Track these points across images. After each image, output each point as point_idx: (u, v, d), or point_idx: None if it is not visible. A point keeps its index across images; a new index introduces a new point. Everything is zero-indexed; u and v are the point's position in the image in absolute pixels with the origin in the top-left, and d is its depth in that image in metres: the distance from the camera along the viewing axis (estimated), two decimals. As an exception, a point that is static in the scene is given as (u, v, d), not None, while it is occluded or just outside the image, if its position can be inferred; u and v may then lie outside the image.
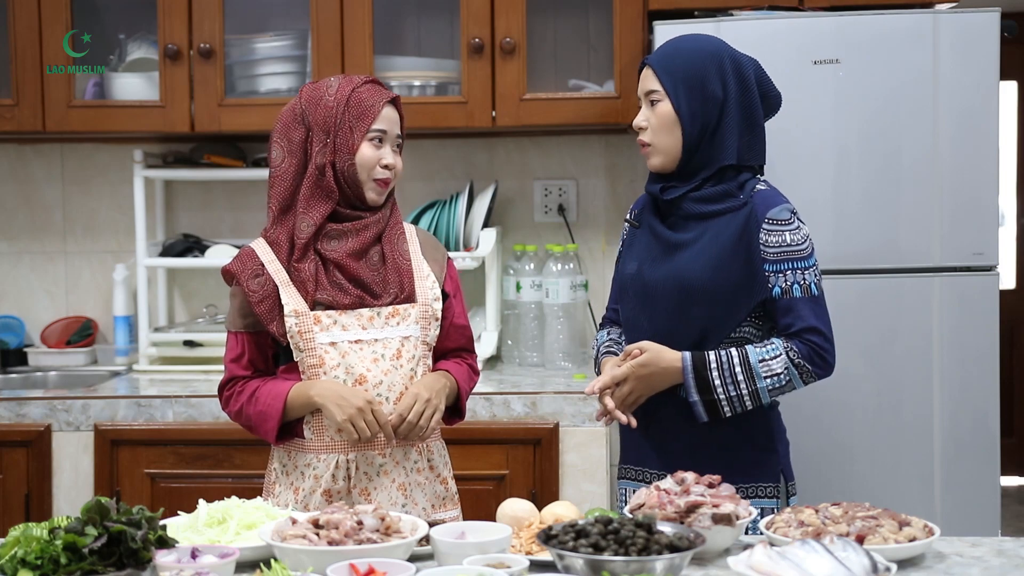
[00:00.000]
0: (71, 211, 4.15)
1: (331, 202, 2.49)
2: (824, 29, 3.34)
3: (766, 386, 2.51)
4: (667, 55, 2.63)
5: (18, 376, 4.02)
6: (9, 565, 1.86)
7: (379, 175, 2.50)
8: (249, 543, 2.07)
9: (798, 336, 2.54)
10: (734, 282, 2.54)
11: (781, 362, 2.52)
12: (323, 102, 2.50)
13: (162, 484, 3.43)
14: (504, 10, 3.66)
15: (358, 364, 2.47)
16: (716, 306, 2.55)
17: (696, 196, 2.57)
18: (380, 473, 2.49)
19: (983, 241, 3.34)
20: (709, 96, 2.57)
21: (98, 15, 3.93)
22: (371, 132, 2.49)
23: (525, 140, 4.07)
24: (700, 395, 2.52)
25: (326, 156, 2.49)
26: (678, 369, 2.53)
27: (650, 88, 2.61)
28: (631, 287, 2.67)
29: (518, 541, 2.12)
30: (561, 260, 3.87)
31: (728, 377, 2.51)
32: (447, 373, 2.58)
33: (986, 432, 3.34)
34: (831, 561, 1.82)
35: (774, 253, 2.54)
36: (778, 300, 2.55)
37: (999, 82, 3.33)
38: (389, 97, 2.54)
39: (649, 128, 2.61)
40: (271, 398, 2.47)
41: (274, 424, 2.46)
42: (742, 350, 2.53)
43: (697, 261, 2.55)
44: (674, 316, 2.57)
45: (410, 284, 2.54)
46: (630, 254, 2.70)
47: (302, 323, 2.46)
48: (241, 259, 2.53)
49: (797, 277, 2.54)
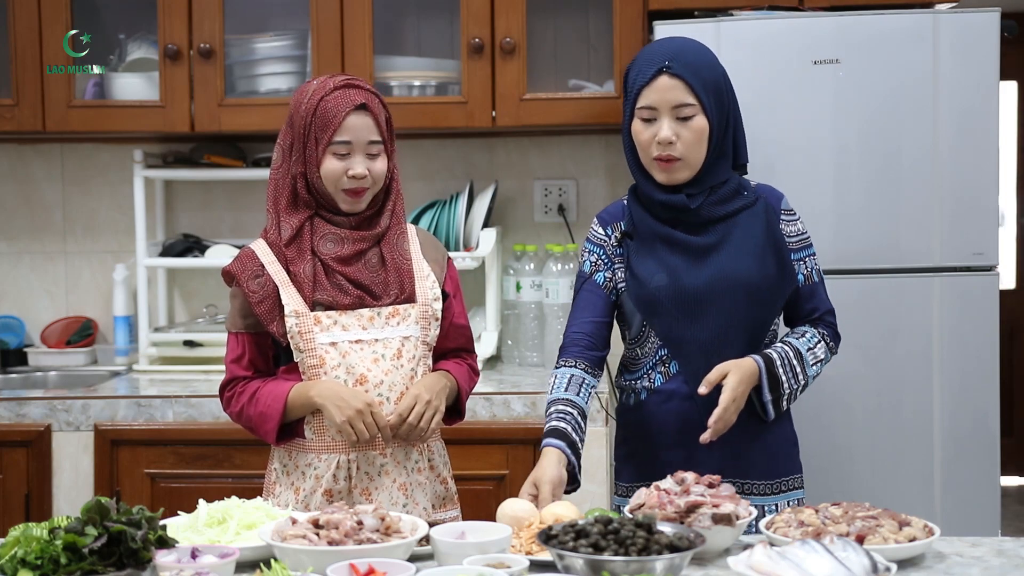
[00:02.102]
0: (71, 211, 4.15)
1: (309, 210, 2.50)
2: (824, 29, 3.34)
3: (813, 374, 2.60)
4: (692, 64, 2.52)
5: (18, 376, 4.02)
6: (9, 565, 1.86)
7: (346, 185, 2.47)
8: (249, 543, 2.07)
9: (823, 320, 2.65)
10: (773, 275, 2.57)
11: (822, 348, 2.61)
12: (300, 108, 2.49)
13: (162, 484, 3.43)
14: (504, 10, 3.66)
15: (359, 364, 2.47)
16: (762, 302, 2.57)
17: (714, 199, 2.57)
18: (381, 473, 2.49)
19: (983, 241, 3.34)
20: (725, 103, 2.56)
21: (98, 15, 3.93)
22: (333, 144, 2.46)
23: (525, 140, 4.07)
24: (771, 394, 2.55)
25: (298, 166, 2.49)
26: (756, 374, 2.52)
27: (683, 101, 2.49)
28: (667, 300, 2.55)
29: (518, 541, 2.11)
30: (561, 260, 3.87)
31: (790, 372, 2.55)
32: (447, 373, 2.57)
33: (986, 432, 3.34)
34: (831, 561, 1.82)
35: (794, 242, 2.62)
36: (801, 287, 2.62)
37: (999, 82, 3.32)
38: (353, 104, 2.46)
39: (680, 142, 2.50)
40: (271, 399, 2.47)
41: (274, 425, 2.46)
42: (791, 344, 2.58)
43: (739, 259, 2.54)
44: (726, 318, 2.53)
45: (410, 284, 2.54)
46: (647, 267, 2.58)
47: (302, 323, 2.46)
48: (241, 260, 2.53)
49: (811, 263, 2.64)
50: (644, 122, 2.54)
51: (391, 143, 2.55)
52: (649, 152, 2.54)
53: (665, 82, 2.50)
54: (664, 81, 2.51)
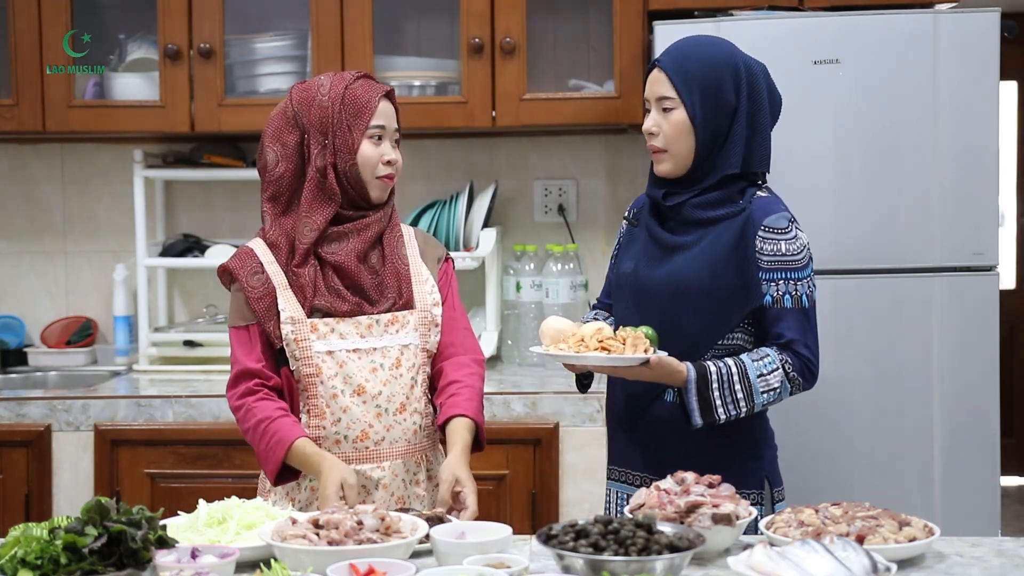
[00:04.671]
0: (71, 211, 4.15)
1: (334, 204, 2.45)
2: (824, 29, 3.34)
3: (762, 401, 2.49)
4: (681, 60, 2.55)
5: (18, 376, 4.02)
6: (9, 565, 1.86)
7: (382, 172, 2.47)
8: (249, 543, 2.07)
9: (790, 348, 2.50)
10: (728, 288, 2.50)
11: (778, 377, 2.48)
12: (316, 102, 2.46)
13: (162, 484, 3.43)
14: (504, 10, 3.66)
15: (356, 374, 2.44)
16: (709, 311, 2.51)
17: (697, 202, 2.54)
18: (379, 486, 2.46)
19: (983, 241, 3.34)
20: (723, 105, 2.53)
21: (98, 15, 3.93)
22: (370, 129, 2.45)
23: (525, 140, 4.07)
24: (701, 412, 2.46)
25: (326, 158, 2.44)
26: (682, 379, 2.46)
27: (663, 94, 2.54)
28: (626, 286, 2.64)
29: (565, 346, 2.43)
30: (561, 260, 3.87)
31: (728, 396, 2.46)
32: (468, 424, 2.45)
33: (986, 432, 3.34)
34: (831, 561, 1.82)
35: (768, 261, 2.50)
36: (768, 309, 2.51)
37: (999, 82, 3.33)
38: (384, 91, 2.49)
39: (661, 134, 2.55)
40: (275, 443, 2.38)
41: (274, 468, 2.40)
42: (740, 364, 2.47)
43: (692, 265, 2.53)
44: (667, 319, 2.52)
45: (408, 290, 2.51)
46: (627, 253, 2.68)
47: (298, 331, 2.43)
48: (240, 257, 2.50)
49: (789, 288, 2.50)
50: (646, 114, 2.62)
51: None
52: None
53: (654, 75, 2.58)
54: (654, 75, 2.59)
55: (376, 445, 2.46)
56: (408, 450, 2.49)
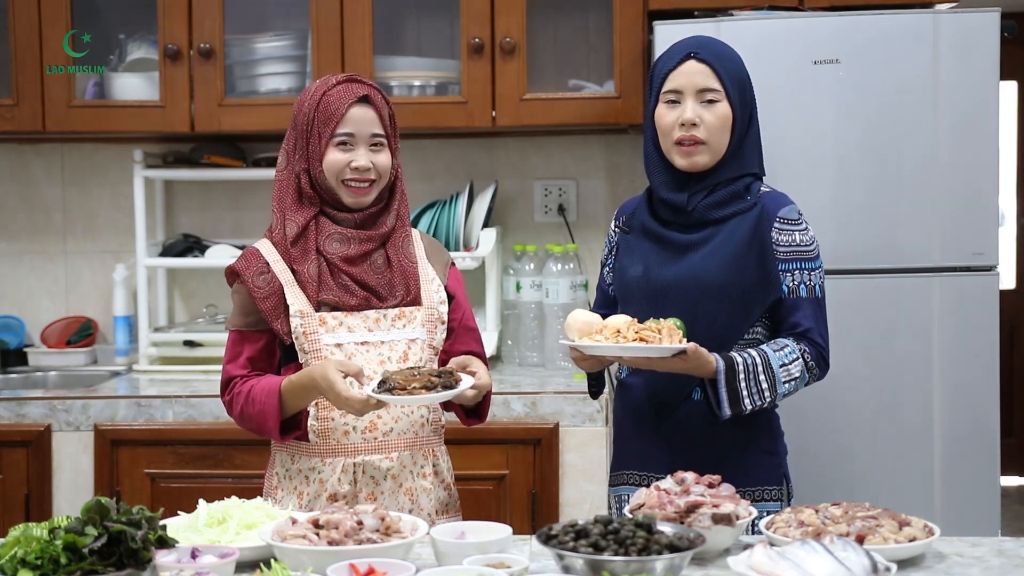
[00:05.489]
0: (71, 211, 4.15)
1: (314, 207, 2.49)
2: (824, 29, 3.34)
3: (784, 391, 2.51)
4: (720, 54, 2.57)
5: (18, 376, 4.02)
6: (9, 565, 1.86)
7: (348, 176, 2.47)
8: (249, 543, 2.07)
9: (806, 338, 2.53)
10: (749, 281, 2.52)
11: (798, 366, 2.51)
12: (303, 107, 2.51)
13: (162, 484, 3.43)
14: (504, 10, 3.66)
15: (364, 366, 2.45)
16: (732, 306, 2.52)
17: (709, 202, 2.55)
18: (387, 478, 2.48)
19: (983, 241, 3.34)
20: (748, 103, 2.57)
21: (98, 15, 3.93)
22: (336, 136, 2.47)
23: (525, 140, 4.07)
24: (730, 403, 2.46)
25: (302, 163, 2.49)
26: (711, 370, 2.45)
27: (708, 85, 2.53)
28: (637, 291, 2.61)
29: (601, 337, 2.41)
30: (561, 260, 3.87)
31: (754, 386, 2.47)
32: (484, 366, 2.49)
33: (986, 432, 3.34)
34: (831, 561, 1.82)
35: (784, 252, 2.55)
36: (784, 299, 2.54)
37: (999, 82, 3.33)
38: (356, 96, 2.48)
39: (703, 126, 2.53)
40: (265, 395, 2.44)
41: (274, 421, 2.44)
42: (763, 354, 2.49)
43: (711, 260, 2.53)
44: (689, 317, 2.49)
45: (416, 287, 2.54)
46: (630, 258, 2.65)
47: (307, 324, 2.45)
48: (246, 258, 2.53)
49: (804, 278, 2.55)
50: (669, 104, 2.56)
51: (395, 139, 2.55)
52: (671, 136, 2.56)
53: (692, 66, 2.54)
54: (691, 65, 2.55)
55: (384, 436, 2.47)
56: (415, 441, 2.51)
